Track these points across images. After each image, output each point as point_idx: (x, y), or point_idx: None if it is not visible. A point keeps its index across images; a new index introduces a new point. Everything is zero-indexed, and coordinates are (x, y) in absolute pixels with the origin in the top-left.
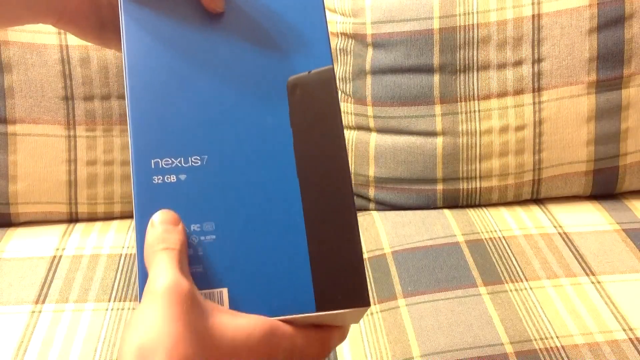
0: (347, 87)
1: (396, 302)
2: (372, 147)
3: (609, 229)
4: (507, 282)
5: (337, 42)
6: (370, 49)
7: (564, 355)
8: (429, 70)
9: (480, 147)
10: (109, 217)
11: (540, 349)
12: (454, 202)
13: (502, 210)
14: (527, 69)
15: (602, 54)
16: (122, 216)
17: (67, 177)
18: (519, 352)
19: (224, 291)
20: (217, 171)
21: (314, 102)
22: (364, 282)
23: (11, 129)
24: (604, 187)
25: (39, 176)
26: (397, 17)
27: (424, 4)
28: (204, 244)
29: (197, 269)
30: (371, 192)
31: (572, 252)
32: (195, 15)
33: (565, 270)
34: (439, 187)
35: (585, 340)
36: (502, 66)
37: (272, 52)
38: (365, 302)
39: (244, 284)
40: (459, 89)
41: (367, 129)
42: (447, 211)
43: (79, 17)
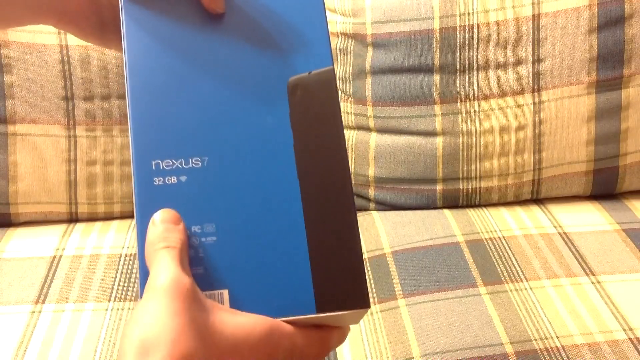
0: (347, 87)
1: (396, 302)
2: (372, 147)
3: (609, 229)
4: (507, 282)
5: (337, 42)
6: (370, 49)
7: (564, 355)
8: (429, 70)
9: (480, 147)
10: (109, 217)
11: (540, 349)
12: (454, 202)
13: (502, 210)
14: (527, 69)
15: (602, 54)
16: (122, 216)
17: (67, 177)
18: (519, 352)
19: (225, 292)
20: (217, 172)
21: (315, 102)
22: (364, 284)
23: (11, 129)
24: (604, 187)
25: (39, 176)
26: (397, 17)
27: (424, 4)
28: (205, 245)
29: (197, 270)
30: (371, 192)
31: (572, 252)
32: (195, 15)
33: (565, 270)
34: (439, 187)
35: (585, 340)
36: (502, 66)
37: (273, 52)
38: (365, 304)
39: (244, 285)
40: (459, 89)
41: (367, 129)
42: (447, 211)
43: (79, 18)
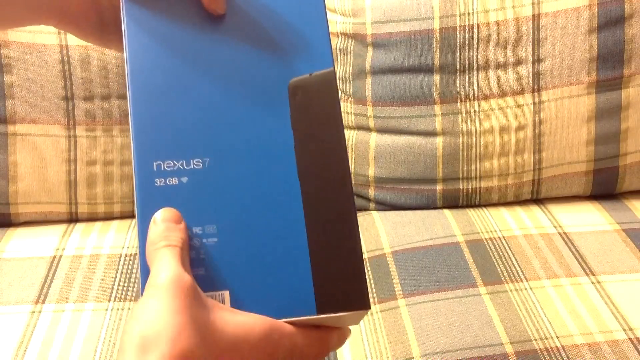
0: (347, 87)
1: (396, 302)
2: (372, 147)
3: (609, 229)
4: (507, 282)
5: (337, 42)
6: (370, 49)
7: (564, 355)
8: (429, 70)
9: (480, 147)
10: (109, 217)
11: (540, 349)
12: (454, 202)
13: (502, 210)
14: (527, 69)
15: (602, 54)
16: (122, 216)
17: (67, 177)
18: (519, 352)
19: (226, 294)
20: (218, 174)
21: (315, 104)
22: (364, 285)
23: (11, 129)
24: (604, 187)
25: (39, 176)
26: (397, 17)
27: (424, 4)
28: (206, 246)
29: (199, 272)
30: (371, 192)
31: (572, 252)
32: (196, 16)
33: (565, 270)
34: (439, 187)
35: (585, 340)
36: (502, 66)
37: (274, 53)
38: (365, 305)
39: (245, 286)
40: (459, 89)
41: (367, 129)
42: (447, 211)
43: (80, 18)
